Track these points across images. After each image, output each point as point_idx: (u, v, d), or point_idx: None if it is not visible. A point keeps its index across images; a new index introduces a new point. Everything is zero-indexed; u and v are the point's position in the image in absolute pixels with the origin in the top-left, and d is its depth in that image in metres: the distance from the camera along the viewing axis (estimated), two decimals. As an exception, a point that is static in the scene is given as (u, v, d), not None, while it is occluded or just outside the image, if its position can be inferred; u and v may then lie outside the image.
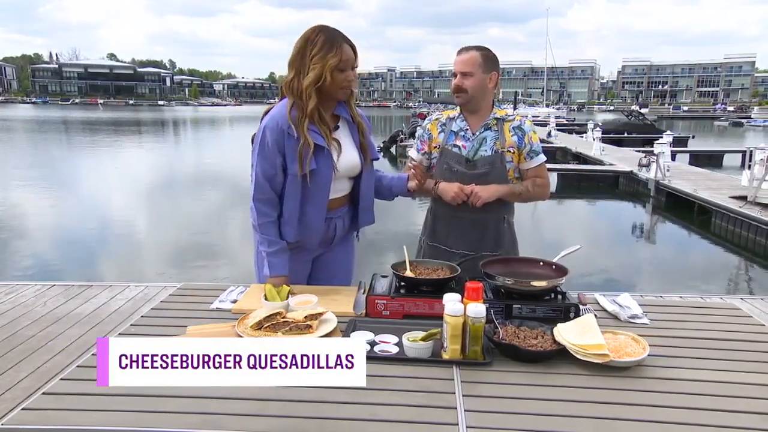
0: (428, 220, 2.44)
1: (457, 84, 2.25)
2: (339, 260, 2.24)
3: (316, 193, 1.99)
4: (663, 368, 1.45)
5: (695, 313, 1.90)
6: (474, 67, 2.21)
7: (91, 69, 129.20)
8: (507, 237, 2.34)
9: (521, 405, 1.28)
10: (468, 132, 2.29)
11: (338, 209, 2.11)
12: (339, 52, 1.89)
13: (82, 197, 13.10)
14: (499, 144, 2.25)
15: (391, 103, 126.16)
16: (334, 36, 1.91)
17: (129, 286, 4.68)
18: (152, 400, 1.27)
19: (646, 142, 19.93)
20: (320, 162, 1.94)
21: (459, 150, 2.28)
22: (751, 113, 68.06)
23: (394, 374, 1.41)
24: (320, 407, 1.25)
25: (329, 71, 1.88)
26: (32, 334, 3.70)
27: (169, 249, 8.39)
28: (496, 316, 1.61)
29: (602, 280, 6.86)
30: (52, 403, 1.28)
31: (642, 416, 1.23)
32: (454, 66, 2.26)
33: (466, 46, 2.27)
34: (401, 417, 1.22)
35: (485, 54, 2.23)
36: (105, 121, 49.45)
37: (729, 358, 1.52)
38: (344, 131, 2.07)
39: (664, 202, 11.91)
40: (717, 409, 1.26)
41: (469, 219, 2.27)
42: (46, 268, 7.19)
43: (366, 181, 2.12)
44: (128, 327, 1.72)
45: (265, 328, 1.59)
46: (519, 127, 2.29)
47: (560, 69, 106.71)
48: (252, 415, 1.23)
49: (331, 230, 2.12)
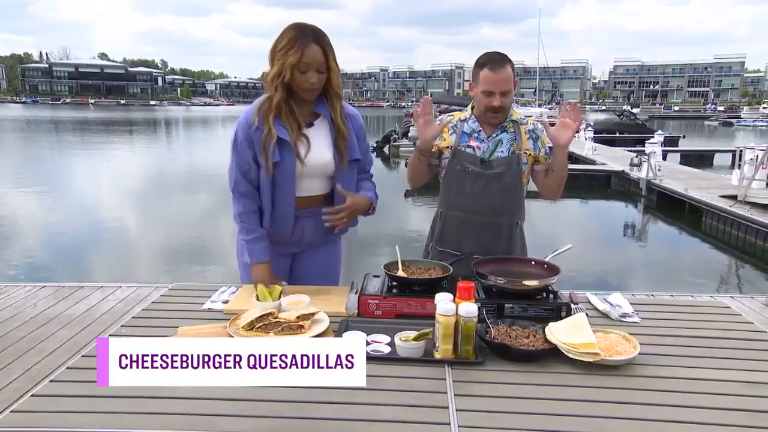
0: (437, 225, 2.33)
1: (499, 105, 2.11)
2: (321, 261, 2.22)
3: (283, 186, 2.00)
4: (653, 366, 1.46)
5: (685, 311, 1.91)
6: (510, 83, 2.11)
7: (81, 68, 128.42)
8: (518, 242, 2.27)
9: (513, 404, 1.28)
10: (482, 133, 2.21)
11: (310, 208, 2.08)
12: (299, 51, 1.87)
13: (73, 198, 13.02)
14: (516, 146, 2.19)
15: (384, 103, 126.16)
16: (303, 35, 1.89)
17: (120, 287, 4.65)
18: (142, 402, 1.27)
19: (637, 142, 20.04)
20: (284, 155, 1.96)
21: (473, 151, 2.20)
22: (741, 113, 68.65)
23: (386, 374, 1.41)
24: (311, 407, 1.25)
25: (288, 68, 1.88)
26: (22, 336, 3.67)
27: (161, 249, 8.35)
28: (488, 315, 1.62)
29: (594, 279, 6.89)
30: (42, 405, 1.27)
31: (633, 414, 1.24)
32: (490, 84, 2.09)
33: (494, 58, 2.10)
34: (393, 417, 1.22)
35: (512, 65, 2.12)
36: (96, 120, 49.16)
37: (718, 356, 1.54)
38: (319, 129, 2.05)
39: (655, 202, 11.99)
40: (706, 407, 1.27)
41: (482, 222, 2.20)
42: (36, 269, 7.14)
43: (342, 182, 2.07)
44: (119, 328, 1.71)
45: (256, 329, 1.58)
46: (533, 131, 2.24)
47: (552, 69, 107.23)
48: (243, 416, 1.22)
49: (299, 229, 2.10)
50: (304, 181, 2.03)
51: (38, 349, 3.48)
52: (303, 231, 2.11)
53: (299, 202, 2.05)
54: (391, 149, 21.63)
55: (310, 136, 2.02)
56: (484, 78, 2.11)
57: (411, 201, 11.27)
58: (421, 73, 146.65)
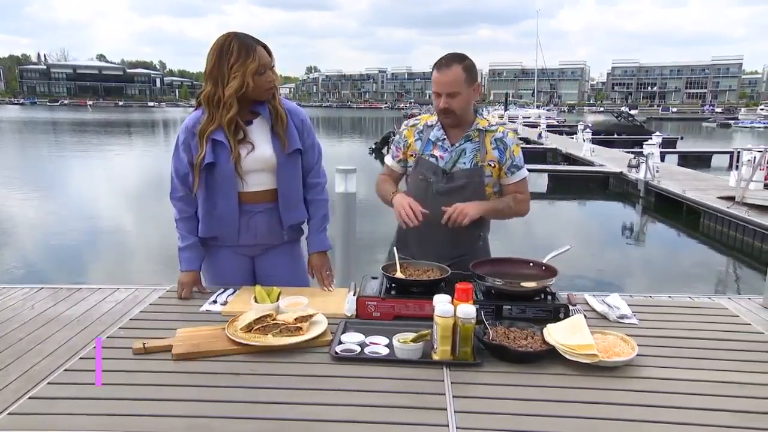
0: (400, 230, 2.27)
1: (444, 107, 2.06)
2: (284, 262, 2.20)
3: (223, 185, 2.00)
4: (651, 368, 1.46)
5: (683, 312, 1.91)
6: (459, 85, 2.03)
7: (79, 70, 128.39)
8: (480, 254, 2.20)
9: (511, 406, 1.28)
10: (446, 142, 2.16)
11: (261, 203, 2.07)
12: (256, 57, 1.90)
13: (71, 199, 13.00)
14: (479, 157, 2.13)
15: (383, 104, 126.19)
16: (247, 41, 1.91)
17: (119, 289, 4.64)
18: (139, 404, 1.26)
19: (635, 143, 20.10)
20: (219, 155, 1.96)
21: (436, 160, 2.15)
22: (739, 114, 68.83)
23: (384, 376, 1.40)
24: (309, 409, 1.25)
25: (250, 77, 1.89)
26: (21, 337, 3.66)
27: (160, 251, 8.33)
28: (486, 316, 1.62)
29: (592, 280, 6.90)
30: (39, 407, 1.27)
31: (631, 416, 1.24)
32: (436, 85, 2.06)
33: (443, 58, 2.07)
34: (391, 418, 1.22)
35: (467, 65, 2.05)
36: (94, 122, 49.09)
37: (715, 358, 1.54)
38: (258, 126, 2.05)
39: (653, 203, 12.01)
40: (704, 408, 1.27)
41: (444, 234, 2.11)
42: (34, 271, 7.12)
43: (285, 174, 2.07)
44: (117, 330, 1.71)
45: (255, 331, 1.58)
46: (501, 139, 2.15)
47: (551, 70, 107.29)
48: (240, 418, 1.22)
49: (251, 228, 2.09)
50: (249, 175, 2.03)
51: (37, 351, 3.47)
52: (255, 230, 2.10)
53: (245, 196, 2.05)
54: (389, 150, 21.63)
55: (251, 133, 2.02)
56: (433, 79, 2.10)
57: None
58: (419, 74, 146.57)
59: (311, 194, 2.19)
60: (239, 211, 2.05)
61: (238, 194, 2.03)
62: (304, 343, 1.55)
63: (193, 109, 2.07)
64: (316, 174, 2.20)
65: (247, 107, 2.02)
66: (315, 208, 2.20)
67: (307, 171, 2.17)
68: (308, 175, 2.18)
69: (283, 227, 2.13)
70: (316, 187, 2.20)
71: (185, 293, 1.98)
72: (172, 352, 1.50)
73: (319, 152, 2.20)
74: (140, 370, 1.43)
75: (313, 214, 2.20)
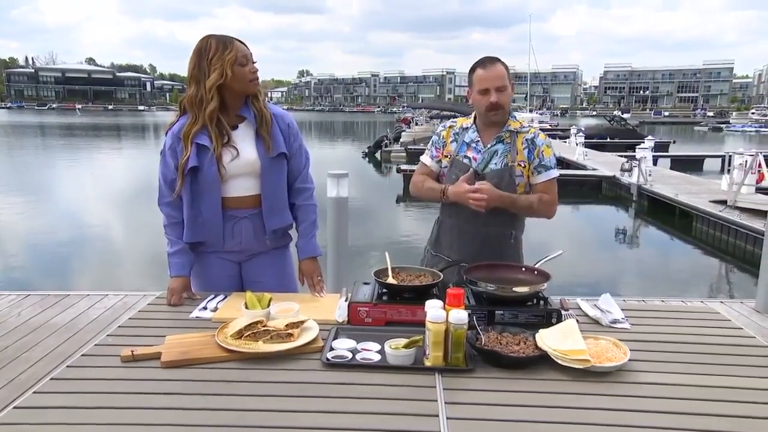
0: (434, 230, 2.37)
1: (496, 102, 2.10)
2: (272, 269, 2.18)
3: (207, 190, 2.01)
4: (643, 372, 1.46)
5: (675, 317, 1.91)
6: (506, 79, 2.11)
7: (68, 73, 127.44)
8: (511, 253, 2.25)
9: (503, 412, 1.27)
10: (479, 144, 2.20)
11: (246, 209, 2.07)
12: (233, 49, 1.94)
13: (58, 204, 12.90)
14: (510, 158, 2.17)
15: (375, 108, 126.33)
16: (224, 37, 1.96)
17: (107, 295, 4.60)
18: (127, 413, 1.25)
19: (628, 147, 20.19)
20: (204, 160, 1.96)
21: (469, 161, 2.20)
22: (730, 118, 69.45)
23: (376, 382, 1.39)
24: (299, 416, 1.24)
25: (229, 66, 1.92)
26: (7, 345, 3.61)
27: (149, 257, 8.26)
28: (479, 322, 1.61)
29: (585, 284, 6.91)
30: (24, 417, 1.24)
31: (623, 421, 1.23)
32: (483, 81, 2.11)
33: (485, 57, 2.15)
34: (383, 425, 1.21)
35: (505, 64, 2.15)
36: (82, 126, 48.86)
37: (707, 362, 1.54)
38: (244, 130, 2.05)
39: (646, 207, 12.07)
40: (695, 413, 1.27)
41: (474, 232, 2.20)
42: (21, 278, 7.04)
43: (269, 178, 2.06)
44: (105, 337, 1.69)
45: (245, 337, 1.57)
46: (532, 140, 2.20)
47: (543, 74, 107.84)
48: (231, 426, 1.20)
49: (235, 234, 2.08)
50: (233, 180, 2.03)
51: (23, 359, 3.42)
52: (241, 235, 2.09)
53: (230, 202, 2.05)
54: (382, 154, 21.66)
55: (236, 138, 2.02)
56: (477, 78, 2.13)
57: (403, 206, 11.26)
58: (412, 78, 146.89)
59: (299, 199, 2.18)
60: (223, 217, 2.04)
61: (222, 199, 2.03)
62: (295, 350, 1.54)
63: (178, 116, 2.06)
64: (303, 179, 2.18)
65: (234, 111, 2.02)
66: (304, 214, 2.19)
67: (295, 176, 2.16)
68: (296, 180, 2.16)
69: (266, 232, 2.11)
70: (305, 193, 2.19)
71: (175, 299, 1.96)
72: (160, 360, 1.48)
73: (306, 157, 2.19)
74: (128, 378, 1.41)
75: (302, 219, 2.19)
